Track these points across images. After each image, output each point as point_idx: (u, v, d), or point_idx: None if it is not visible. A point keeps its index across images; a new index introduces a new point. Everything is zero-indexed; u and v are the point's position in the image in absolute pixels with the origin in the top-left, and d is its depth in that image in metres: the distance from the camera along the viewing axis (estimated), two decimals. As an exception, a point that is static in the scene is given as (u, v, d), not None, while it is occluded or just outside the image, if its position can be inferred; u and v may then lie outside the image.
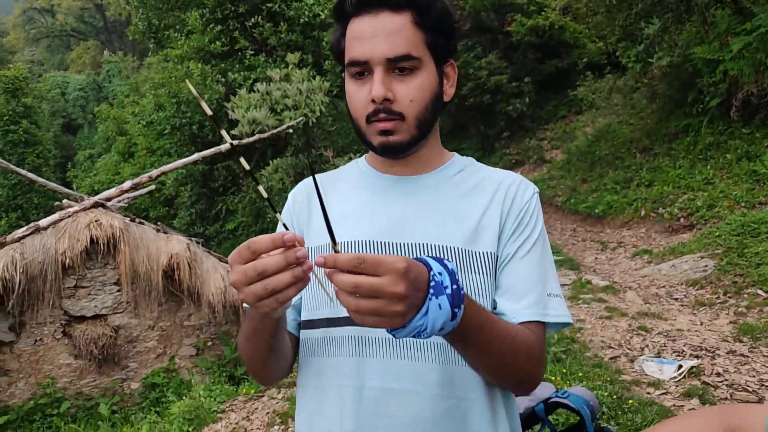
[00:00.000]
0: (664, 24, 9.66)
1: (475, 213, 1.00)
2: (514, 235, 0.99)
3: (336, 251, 0.70)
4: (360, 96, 0.96)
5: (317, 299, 1.01)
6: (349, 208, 1.04)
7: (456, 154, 1.12)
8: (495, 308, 0.98)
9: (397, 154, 1.00)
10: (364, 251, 0.97)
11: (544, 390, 1.61)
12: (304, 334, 1.04)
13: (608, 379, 3.40)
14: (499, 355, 0.88)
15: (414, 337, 0.72)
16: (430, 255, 0.92)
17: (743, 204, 7.14)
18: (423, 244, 0.96)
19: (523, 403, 1.58)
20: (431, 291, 0.70)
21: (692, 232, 7.36)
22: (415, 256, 0.94)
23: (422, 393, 0.92)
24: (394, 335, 0.73)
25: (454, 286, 0.72)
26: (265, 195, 0.80)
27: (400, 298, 0.67)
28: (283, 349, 0.99)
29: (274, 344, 0.95)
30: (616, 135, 11.94)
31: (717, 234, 6.44)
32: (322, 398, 0.98)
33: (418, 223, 0.99)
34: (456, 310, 0.72)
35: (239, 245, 0.75)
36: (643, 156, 10.25)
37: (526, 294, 0.96)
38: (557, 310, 0.97)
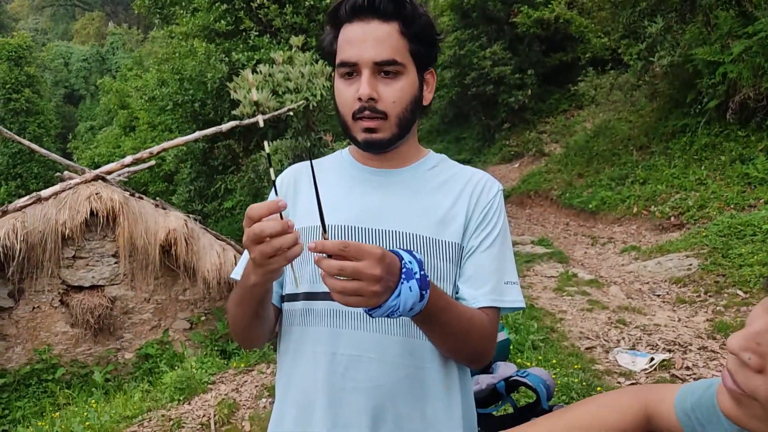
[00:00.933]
0: (667, 23, 9.69)
1: (444, 205, 1.12)
2: (479, 228, 1.12)
3: (325, 238, 0.83)
4: (348, 94, 1.08)
5: (300, 276, 1.14)
6: (330, 194, 1.14)
7: (431, 151, 1.24)
8: (457, 293, 1.11)
9: (379, 150, 1.12)
10: (343, 235, 1.09)
11: (507, 369, 1.74)
12: (287, 305, 1.17)
13: (581, 367, 3.55)
14: (456, 334, 1.02)
15: (387, 316, 0.86)
16: (402, 242, 1.07)
17: (733, 206, 7.26)
18: (395, 231, 1.09)
19: (486, 380, 1.71)
20: (403, 276, 0.84)
21: (681, 231, 7.49)
22: (388, 241, 1.08)
23: (385, 361, 1.05)
24: (371, 314, 0.86)
25: (422, 272, 0.87)
26: (273, 178, 0.95)
27: (377, 279, 0.80)
28: (267, 315, 1.12)
29: (261, 310, 1.08)
30: (614, 132, 12.02)
31: (704, 234, 6.57)
32: (299, 361, 1.11)
33: (392, 212, 1.11)
34: (423, 292, 0.87)
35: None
36: (640, 154, 10.35)
37: (486, 282, 1.09)
38: (512, 296, 1.11)
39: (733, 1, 8.90)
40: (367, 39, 1.05)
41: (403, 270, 0.85)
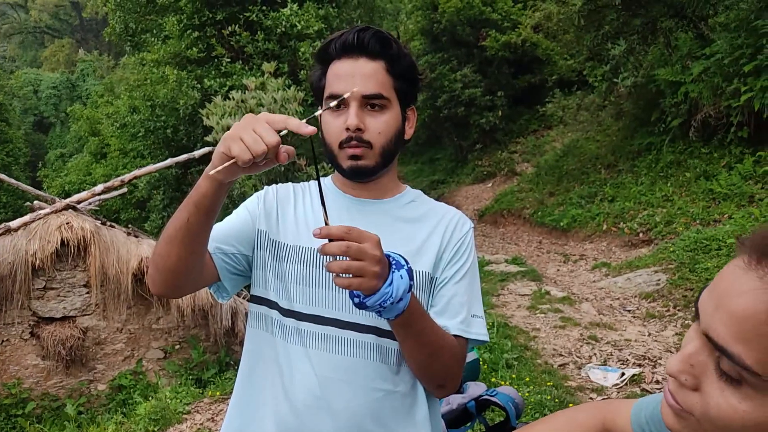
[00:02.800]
0: (630, 45, 10.02)
1: (420, 237, 1.18)
2: (451, 262, 1.18)
3: (327, 224, 0.90)
4: (336, 124, 1.13)
5: (284, 294, 1.15)
6: (309, 217, 1.21)
7: (408, 186, 1.31)
8: None
9: (363, 178, 1.18)
10: (317, 258, 1.13)
11: (477, 389, 1.78)
12: (256, 308, 1.20)
13: (554, 384, 3.61)
14: (430, 345, 1.07)
15: (379, 307, 0.92)
16: None
17: (699, 221, 7.47)
18: None
19: (456, 400, 1.75)
20: (393, 266, 0.93)
21: (650, 247, 7.66)
22: None
23: (356, 384, 1.09)
24: (365, 304, 0.91)
25: (408, 265, 0.95)
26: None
27: (378, 260, 0.89)
28: (201, 252, 1.08)
29: (198, 242, 1.04)
30: (582, 151, 12.29)
31: (672, 249, 6.74)
32: (268, 375, 1.14)
33: None
34: (411, 282, 0.95)
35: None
36: (608, 172, 10.60)
37: (458, 313, 1.15)
38: (478, 329, 1.17)
39: (690, 25, 9.25)
40: (356, 74, 1.12)
41: (393, 262, 0.93)
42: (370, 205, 1.21)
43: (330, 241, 0.88)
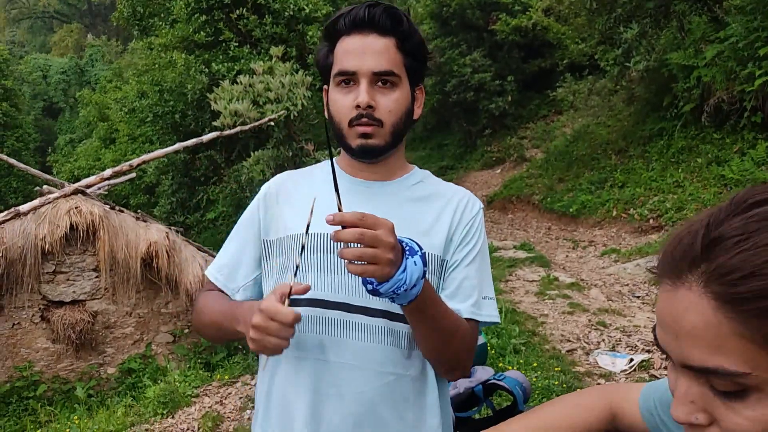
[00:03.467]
0: (642, 29, 9.87)
1: (428, 219, 1.16)
2: (462, 244, 1.16)
3: (340, 210, 0.89)
4: (345, 102, 1.11)
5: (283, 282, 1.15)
6: (318, 203, 1.18)
7: (416, 167, 1.28)
8: None
9: (372, 157, 1.15)
10: (326, 243, 1.12)
11: (484, 373, 1.76)
12: None
13: (561, 369, 3.60)
14: (443, 331, 1.06)
15: (392, 294, 0.90)
16: None
17: (710, 207, 7.39)
18: None
19: (464, 384, 1.74)
20: (407, 252, 0.90)
21: (660, 233, 7.60)
22: None
23: (367, 369, 1.08)
24: (379, 290, 0.90)
25: (423, 251, 0.93)
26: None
27: (392, 247, 0.87)
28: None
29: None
30: (593, 136, 12.18)
31: (682, 236, 6.69)
32: (282, 365, 1.13)
33: None
34: (425, 269, 0.93)
35: (273, 304, 0.94)
36: (618, 157, 10.50)
37: (470, 296, 1.13)
38: (489, 310, 1.16)
39: (705, 8, 9.09)
40: (366, 51, 1.09)
41: (406, 248, 0.91)
42: (377, 186, 1.19)
43: (343, 227, 0.87)
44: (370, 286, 0.90)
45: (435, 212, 1.17)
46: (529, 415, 1.08)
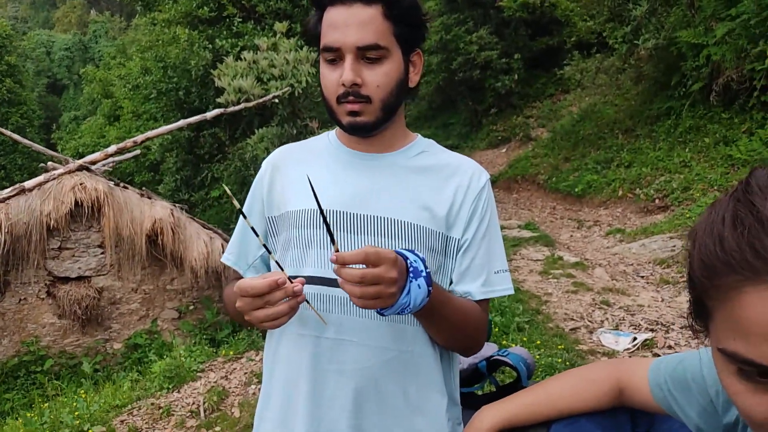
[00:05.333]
0: (651, 6, 9.71)
1: (430, 192, 1.12)
2: (470, 222, 1.13)
3: (336, 250, 0.86)
4: (332, 78, 1.07)
5: (289, 261, 1.14)
6: (317, 178, 1.13)
7: (419, 135, 1.24)
8: (450, 284, 1.14)
9: (364, 134, 1.12)
10: (329, 220, 1.09)
11: (488, 349, 1.76)
12: None
13: (565, 347, 3.61)
14: (453, 326, 1.07)
15: (398, 313, 0.91)
16: (388, 228, 1.09)
17: (716, 187, 7.34)
18: (382, 218, 1.09)
19: (467, 360, 1.73)
20: (411, 275, 0.89)
21: (666, 213, 7.57)
22: (374, 227, 1.09)
23: (369, 345, 1.06)
24: (383, 314, 0.91)
25: (427, 270, 0.92)
26: (238, 206, 0.99)
27: (394, 281, 0.85)
28: None
29: None
30: (600, 115, 12.06)
31: (688, 216, 6.65)
32: (285, 342, 1.13)
33: (378, 198, 1.11)
34: (430, 288, 0.92)
35: (242, 281, 0.92)
36: (625, 137, 10.41)
37: (479, 276, 1.12)
38: (502, 284, 1.14)
39: (716, -16, 8.92)
40: (350, 23, 1.03)
41: (410, 269, 0.89)
42: (378, 159, 1.15)
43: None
44: (374, 309, 0.91)
45: (438, 185, 1.13)
46: (535, 388, 1.08)
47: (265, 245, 0.99)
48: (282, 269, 0.92)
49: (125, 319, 6.85)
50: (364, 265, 0.84)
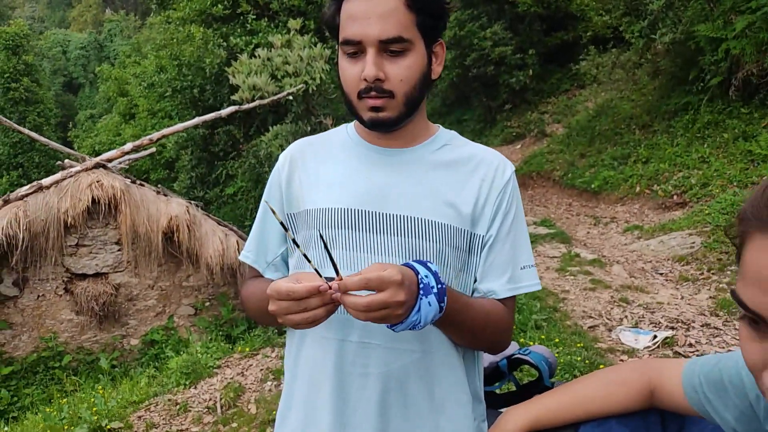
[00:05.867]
0: (669, 0, 9.58)
1: (454, 189, 1.08)
2: (495, 218, 1.09)
3: (340, 279, 0.85)
4: (353, 73, 1.02)
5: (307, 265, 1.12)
6: (334, 174, 1.12)
7: (441, 127, 1.20)
8: (474, 282, 1.10)
9: (385, 129, 1.08)
10: (346, 219, 1.07)
11: (509, 347, 1.74)
12: None
13: (584, 345, 3.56)
14: (473, 331, 1.05)
15: (410, 329, 0.89)
16: (408, 227, 1.05)
17: (736, 183, 7.23)
18: (401, 216, 1.05)
19: (488, 359, 1.71)
20: (421, 292, 0.87)
21: (684, 210, 7.47)
22: (393, 226, 1.05)
23: (393, 348, 1.04)
24: (393, 330, 0.89)
25: (440, 285, 0.89)
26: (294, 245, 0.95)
27: (402, 304, 0.83)
28: None
29: None
30: (616, 111, 11.93)
31: (707, 212, 6.55)
32: (308, 344, 1.10)
33: (398, 195, 1.07)
34: (442, 304, 0.89)
35: (276, 284, 0.88)
36: (642, 133, 10.29)
37: (503, 273, 1.08)
38: (528, 280, 1.11)
39: (736, -24, 8.77)
40: (371, 15, 0.99)
41: (421, 285, 0.87)
42: (399, 154, 1.11)
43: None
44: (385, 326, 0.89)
45: (462, 180, 1.10)
46: (562, 389, 1.05)
47: (305, 255, 0.92)
48: (320, 275, 0.88)
49: (142, 315, 6.91)
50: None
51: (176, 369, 4.54)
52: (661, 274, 5.47)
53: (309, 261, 0.91)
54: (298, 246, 0.92)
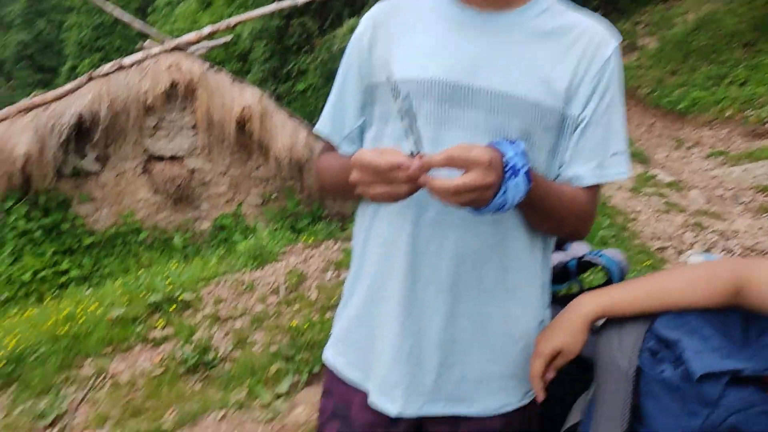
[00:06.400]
0: None
1: (551, 61, 0.99)
2: (591, 95, 1.00)
3: (420, 152, 0.82)
4: None
5: (388, 136, 1.06)
6: (421, 43, 1.04)
7: None
8: (560, 167, 1.04)
9: None
10: (434, 92, 0.99)
11: (580, 248, 1.69)
12: None
13: (651, 265, 3.47)
14: (555, 217, 1.00)
15: (496, 212, 0.86)
16: (499, 104, 0.98)
17: None
18: (492, 92, 0.98)
19: (558, 257, 1.67)
20: (508, 173, 0.83)
21: (777, 139, 6.95)
22: (483, 102, 0.98)
23: (469, 228, 1.01)
24: (480, 212, 0.86)
25: (527, 167, 0.85)
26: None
27: (491, 186, 0.80)
28: None
29: None
30: (718, 25, 10.92)
31: (803, 142, 6.09)
32: (383, 217, 1.08)
33: (490, 66, 0.99)
34: (529, 185, 0.86)
35: (361, 153, 0.85)
36: (744, 51, 9.44)
37: (592, 159, 1.01)
38: (617, 167, 1.03)
39: None
40: None
41: (507, 168, 0.83)
42: (494, 20, 1.01)
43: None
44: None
45: (560, 52, 1.00)
46: (640, 280, 1.02)
47: (413, 128, 0.84)
48: (419, 151, 0.83)
49: (213, 200, 7.19)
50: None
51: (244, 252, 4.75)
52: (741, 202, 5.19)
53: (413, 136, 0.85)
54: (412, 119, 0.85)
